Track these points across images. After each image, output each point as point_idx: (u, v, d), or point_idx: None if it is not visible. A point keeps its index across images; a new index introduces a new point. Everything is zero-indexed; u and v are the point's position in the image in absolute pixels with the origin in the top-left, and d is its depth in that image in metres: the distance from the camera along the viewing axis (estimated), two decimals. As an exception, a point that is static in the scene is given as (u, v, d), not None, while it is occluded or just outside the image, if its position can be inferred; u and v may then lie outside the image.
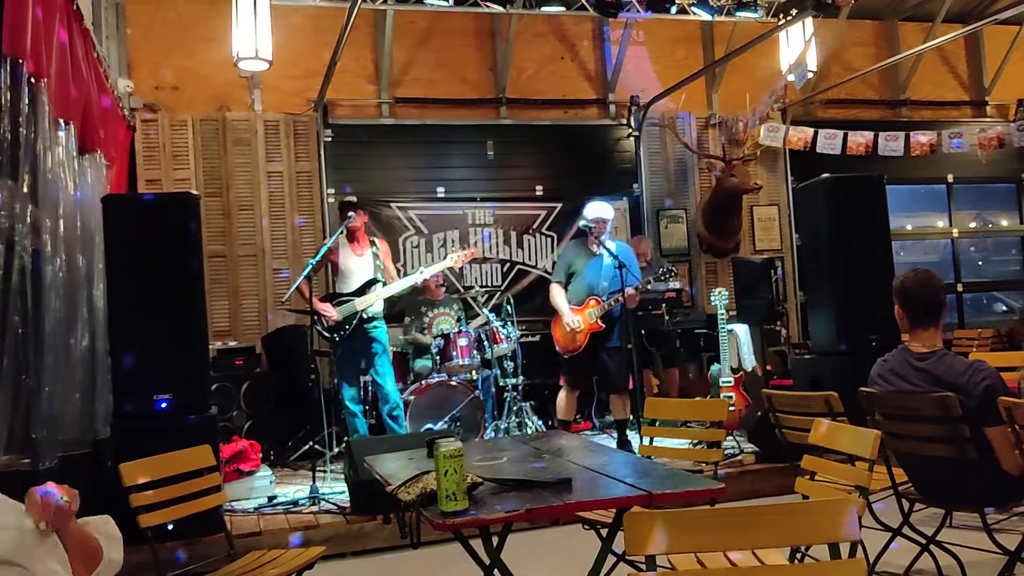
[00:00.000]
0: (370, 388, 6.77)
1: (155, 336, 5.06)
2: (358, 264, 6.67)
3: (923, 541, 3.65)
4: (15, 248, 3.96)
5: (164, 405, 5.06)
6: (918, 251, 11.00)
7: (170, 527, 3.68)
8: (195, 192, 5.69)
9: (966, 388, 3.35)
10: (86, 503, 2.04)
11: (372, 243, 6.80)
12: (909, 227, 10.86)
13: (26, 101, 4.09)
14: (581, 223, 6.87)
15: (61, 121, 4.79)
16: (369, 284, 6.58)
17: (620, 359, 6.75)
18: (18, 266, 3.98)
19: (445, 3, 7.20)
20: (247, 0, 6.49)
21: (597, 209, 6.80)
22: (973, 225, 11.14)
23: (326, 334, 6.63)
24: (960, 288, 10.72)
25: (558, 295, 6.78)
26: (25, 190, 4.14)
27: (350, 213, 6.54)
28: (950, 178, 10.78)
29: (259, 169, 8.58)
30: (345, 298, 6.57)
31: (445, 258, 7.08)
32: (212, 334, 6.98)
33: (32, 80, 4.15)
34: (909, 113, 10.68)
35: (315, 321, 6.43)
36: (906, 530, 3.64)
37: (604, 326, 6.64)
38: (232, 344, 7.84)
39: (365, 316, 6.53)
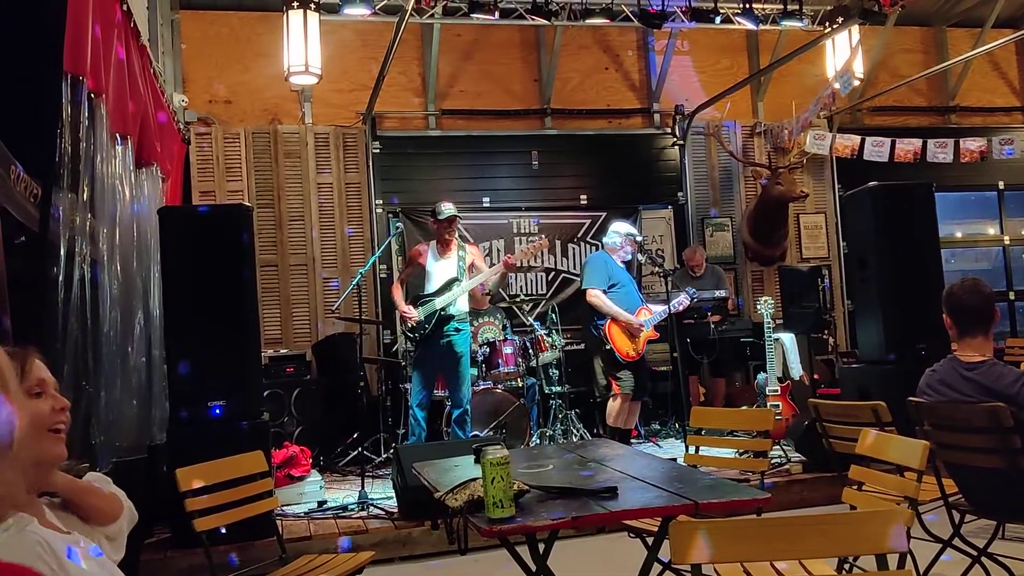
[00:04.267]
0: (432, 397, 6.81)
1: (209, 344, 5.17)
2: (442, 267, 6.71)
3: (974, 553, 3.60)
4: (75, 258, 4.07)
5: (218, 412, 5.16)
6: (969, 259, 10.83)
7: (223, 531, 3.76)
8: (248, 204, 5.82)
9: (1016, 399, 3.31)
10: (143, 507, 2.08)
11: (461, 247, 6.84)
12: (959, 235, 10.68)
13: (86, 116, 4.22)
14: (620, 238, 6.90)
15: (119, 136, 4.94)
16: (449, 283, 6.63)
17: (649, 368, 7.02)
18: (78, 276, 4.08)
19: (491, 17, 7.25)
20: (298, 16, 6.62)
21: (631, 228, 7.07)
22: (1026, 232, 10.95)
23: (409, 334, 6.74)
24: (1012, 296, 10.53)
25: (608, 300, 6.75)
26: (85, 202, 4.27)
27: (398, 224, 6.68)
28: (1001, 185, 10.59)
29: (309, 180, 8.73)
30: (427, 298, 6.65)
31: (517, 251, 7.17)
32: (264, 342, 7.10)
33: (92, 96, 4.28)
34: (958, 120, 10.53)
35: (401, 322, 6.52)
36: (957, 542, 3.59)
37: (658, 335, 6.86)
38: (283, 352, 7.97)
39: (445, 314, 6.56)
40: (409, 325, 6.63)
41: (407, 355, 7.54)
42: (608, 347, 6.72)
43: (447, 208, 6.68)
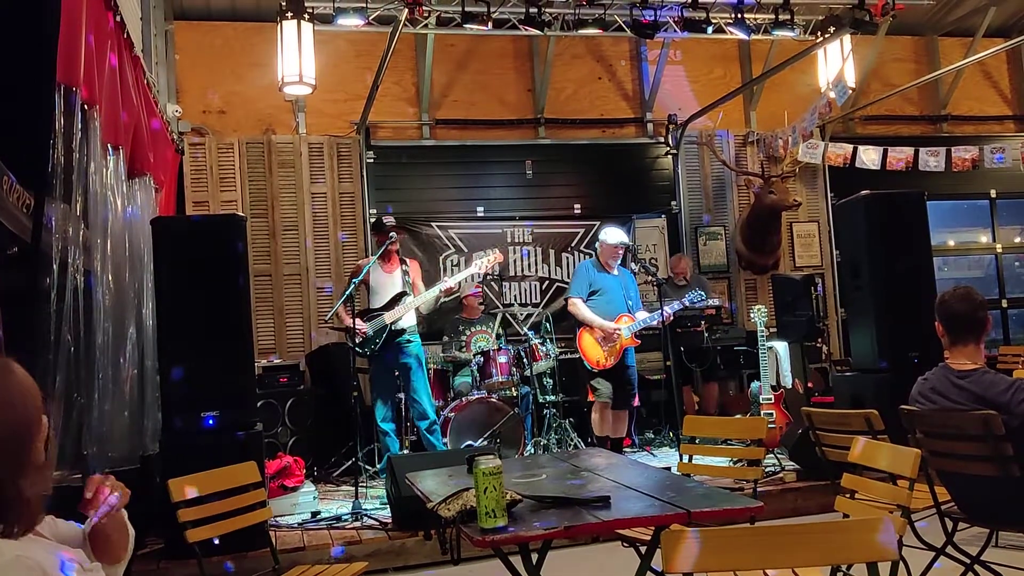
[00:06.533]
0: (400, 406, 6.82)
1: (203, 354, 5.16)
2: (388, 280, 6.76)
3: (967, 561, 3.60)
4: (68, 269, 4.06)
5: (211, 422, 5.14)
6: (961, 267, 10.86)
7: (216, 542, 3.74)
8: (241, 214, 5.82)
9: (1008, 406, 3.31)
10: (135, 519, 2.07)
11: (403, 262, 6.89)
12: (952, 243, 10.71)
13: (79, 126, 4.21)
14: (596, 243, 6.96)
15: (111, 146, 4.94)
16: (397, 298, 6.67)
17: (634, 375, 7.00)
18: (71, 286, 4.07)
19: (484, 27, 7.27)
20: (292, 26, 6.63)
21: (620, 235, 7.10)
22: (1018, 240, 10.97)
23: (358, 349, 6.72)
24: (1005, 304, 10.56)
25: (585, 309, 6.80)
26: (78, 212, 4.26)
27: (392, 234, 6.66)
28: (993, 193, 10.63)
29: (303, 190, 8.74)
30: (375, 313, 6.67)
31: (471, 264, 7.14)
32: (258, 351, 7.11)
33: (85, 107, 4.28)
34: (950, 128, 10.58)
35: (351, 339, 6.53)
36: (950, 549, 3.59)
37: (640, 342, 6.86)
38: (277, 361, 7.95)
39: (395, 329, 6.61)
40: (358, 340, 6.61)
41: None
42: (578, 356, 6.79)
43: (390, 222, 6.77)
